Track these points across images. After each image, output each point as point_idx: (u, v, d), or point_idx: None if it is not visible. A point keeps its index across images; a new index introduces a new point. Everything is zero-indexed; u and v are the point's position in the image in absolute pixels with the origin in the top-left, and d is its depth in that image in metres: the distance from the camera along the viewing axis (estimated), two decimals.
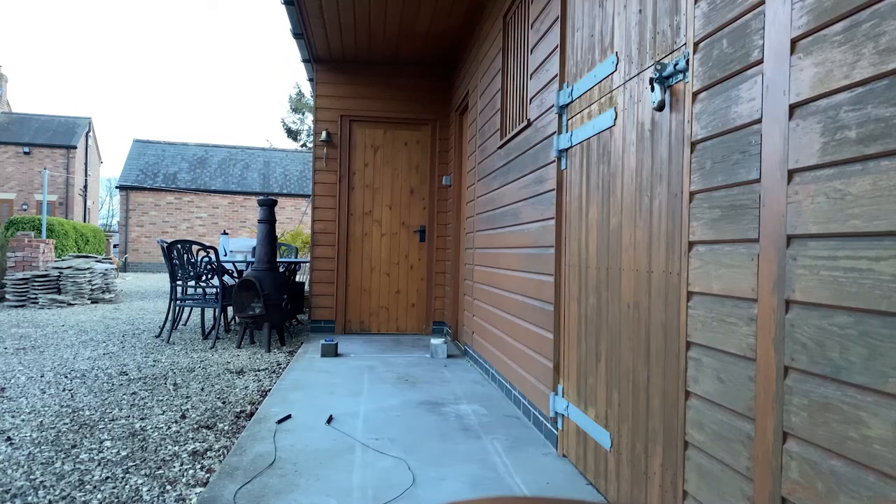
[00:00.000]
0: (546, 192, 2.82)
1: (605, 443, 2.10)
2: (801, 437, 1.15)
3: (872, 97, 1.00)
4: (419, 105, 6.06)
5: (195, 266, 5.55)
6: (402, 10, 4.85)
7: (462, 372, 4.32)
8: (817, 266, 1.11)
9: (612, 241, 2.10)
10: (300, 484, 2.18)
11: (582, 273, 2.38)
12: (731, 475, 1.36)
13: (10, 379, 3.93)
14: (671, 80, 1.69)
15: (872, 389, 1.00)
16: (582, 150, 2.40)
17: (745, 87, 1.33)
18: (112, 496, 2.12)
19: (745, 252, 1.33)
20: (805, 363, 1.14)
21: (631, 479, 1.92)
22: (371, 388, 3.70)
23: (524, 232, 3.20)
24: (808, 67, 1.14)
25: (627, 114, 2.00)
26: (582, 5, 2.45)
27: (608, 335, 2.12)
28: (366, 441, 2.67)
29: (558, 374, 2.63)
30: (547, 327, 2.76)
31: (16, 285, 8.69)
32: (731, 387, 1.36)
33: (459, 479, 2.27)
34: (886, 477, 0.97)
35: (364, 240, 6.08)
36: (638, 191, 1.91)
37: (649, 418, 1.81)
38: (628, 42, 2.02)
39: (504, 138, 3.66)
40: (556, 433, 2.60)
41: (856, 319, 1.03)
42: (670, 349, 1.69)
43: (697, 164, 1.52)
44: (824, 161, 1.10)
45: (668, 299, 1.71)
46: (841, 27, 1.07)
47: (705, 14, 1.49)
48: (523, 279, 3.20)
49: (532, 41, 3.13)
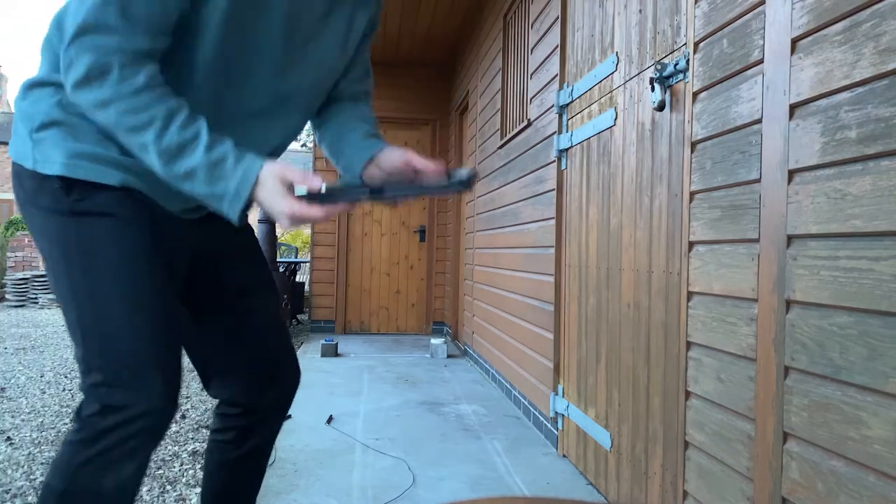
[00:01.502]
0: (546, 192, 2.82)
1: (605, 443, 2.10)
2: (802, 437, 1.15)
3: (873, 97, 1.00)
4: (419, 105, 6.06)
5: None
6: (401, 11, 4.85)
7: (462, 372, 4.32)
8: (817, 266, 1.11)
9: (613, 241, 2.10)
10: (300, 484, 2.18)
11: (582, 273, 2.38)
12: (732, 475, 1.36)
13: (9, 379, 3.93)
14: (671, 79, 1.69)
15: (873, 389, 1.00)
16: (582, 150, 2.40)
17: (746, 87, 1.33)
18: None
19: (745, 252, 1.32)
20: (805, 363, 1.14)
21: (631, 479, 1.92)
22: (371, 388, 3.70)
23: (524, 232, 3.20)
24: (809, 67, 1.14)
25: (628, 114, 2.00)
26: (582, 5, 2.45)
27: (608, 335, 2.12)
28: (366, 441, 2.67)
29: (558, 375, 2.63)
30: (547, 327, 2.76)
31: (16, 285, 8.69)
32: (732, 387, 1.36)
33: (459, 479, 2.27)
34: (887, 477, 0.97)
35: (364, 240, 6.08)
36: (638, 191, 1.91)
37: (649, 418, 1.80)
38: (628, 42, 2.01)
39: (504, 138, 3.66)
40: (557, 433, 2.60)
41: (856, 319, 1.03)
42: (670, 349, 1.69)
43: (698, 164, 1.52)
44: (824, 161, 1.10)
45: (669, 299, 1.71)
46: (841, 27, 1.07)
47: (705, 14, 1.49)
48: (523, 279, 3.20)
49: (532, 41, 3.13)
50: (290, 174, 0.90)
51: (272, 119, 1.11)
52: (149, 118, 0.87)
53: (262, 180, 0.90)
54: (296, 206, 0.88)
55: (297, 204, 0.88)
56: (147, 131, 0.87)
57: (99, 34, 0.86)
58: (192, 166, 0.89)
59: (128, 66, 0.87)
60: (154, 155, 0.89)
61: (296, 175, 0.89)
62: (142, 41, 0.88)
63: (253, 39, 1.00)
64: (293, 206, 0.88)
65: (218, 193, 0.90)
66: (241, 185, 0.90)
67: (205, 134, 0.90)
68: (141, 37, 0.88)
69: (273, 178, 0.90)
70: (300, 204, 0.88)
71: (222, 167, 0.89)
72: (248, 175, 0.90)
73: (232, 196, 0.90)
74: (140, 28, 0.88)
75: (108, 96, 0.87)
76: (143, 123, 0.87)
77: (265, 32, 1.00)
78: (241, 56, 1.00)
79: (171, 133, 0.88)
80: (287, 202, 0.88)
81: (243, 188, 0.90)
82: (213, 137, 0.91)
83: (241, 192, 0.90)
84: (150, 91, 0.88)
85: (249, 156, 0.92)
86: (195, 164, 0.89)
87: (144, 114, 0.87)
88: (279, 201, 0.88)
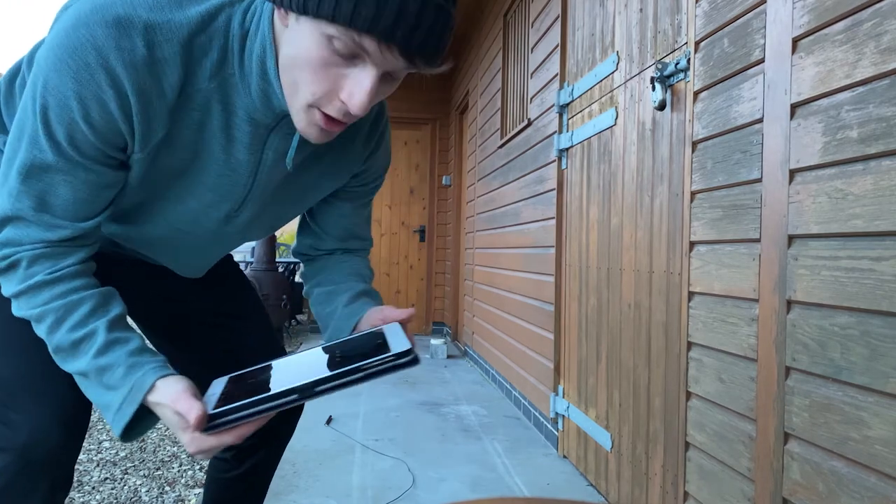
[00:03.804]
0: (546, 192, 2.81)
1: (605, 443, 2.10)
2: (803, 437, 1.14)
3: (874, 97, 1.00)
4: (419, 104, 6.05)
5: None
6: None
7: (462, 372, 4.32)
8: (819, 266, 1.11)
9: (613, 240, 2.09)
10: (299, 485, 2.18)
11: (582, 273, 2.38)
12: (733, 476, 1.36)
13: None
14: (672, 79, 1.69)
15: (874, 390, 0.99)
16: (582, 150, 2.40)
17: (747, 86, 1.33)
18: (111, 497, 2.12)
19: (746, 252, 1.32)
20: (806, 363, 1.14)
21: (632, 479, 1.92)
22: (370, 389, 3.69)
23: (524, 232, 3.20)
24: (810, 67, 1.13)
25: (628, 113, 1.99)
26: (583, 4, 2.45)
27: (609, 335, 2.12)
28: (365, 442, 2.66)
29: (559, 375, 2.63)
30: (547, 328, 2.76)
31: None
32: (733, 387, 1.36)
33: (459, 479, 2.27)
34: (887, 478, 0.97)
35: None
36: (639, 190, 1.91)
37: (650, 419, 1.80)
38: (629, 41, 2.01)
39: (504, 138, 3.65)
40: (557, 434, 2.59)
41: (857, 319, 1.03)
42: (671, 349, 1.68)
43: (698, 163, 1.51)
44: (826, 161, 1.09)
45: (669, 299, 1.70)
46: (842, 26, 1.06)
47: (706, 13, 1.49)
48: (523, 279, 3.20)
49: (532, 40, 3.13)
50: (181, 405, 0.75)
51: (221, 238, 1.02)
52: (40, 313, 0.81)
53: (153, 404, 0.79)
54: (197, 441, 0.75)
55: (199, 439, 0.75)
56: (40, 326, 0.82)
57: (15, 226, 0.80)
58: (81, 369, 0.80)
59: (37, 260, 0.81)
60: (51, 350, 0.82)
61: (183, 406, 0.75)
62: (62, 231, 0.81)
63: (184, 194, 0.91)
64: (193, 443, 0.75)
65: (104, 403, 0.80)
66: (126, 402, 0.78)
67: (101, 335, 0.80)
68: (61, 228, 0.81)
69: (166, 405, 0.77)
70: (202, 438, 0.75)
71: (110, 376, 0.79)
72: (134, 393, 0.78)
73: (115, 411, 0.79)
74: (60, 218, 0.81)
75: (14, 291, 0.82)
76: (36, 317, 0.81)
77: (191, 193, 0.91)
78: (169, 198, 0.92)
79: (61, 331, 0.80)
80: (187, 436, 0.75)
81: (128, 406, 0.78)
82: (109, 340, 0.81)
83: (125, 409, 0.78)
84: (51, 287, 0.81)
85: (145, 368, 0.80)
86: (84, 367, 0.80)
87: (38, 309, 0.81)
88: (179, 434, 0.77)
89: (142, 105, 0.76)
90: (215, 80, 0.81)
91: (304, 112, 0.78)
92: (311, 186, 1.02)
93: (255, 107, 0.83)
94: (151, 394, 0.78)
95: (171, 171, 0.87)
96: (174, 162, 0.86)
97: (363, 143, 1.02)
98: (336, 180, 1.04)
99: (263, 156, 0.89)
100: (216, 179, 0.89)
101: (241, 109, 0.84)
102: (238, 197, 0.93)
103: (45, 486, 0.92)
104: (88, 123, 0.76)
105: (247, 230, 1.03)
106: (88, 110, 0.75)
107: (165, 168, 0.86)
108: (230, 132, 0.85)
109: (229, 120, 0.84)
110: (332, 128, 0.80)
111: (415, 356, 0.75)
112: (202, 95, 0.81)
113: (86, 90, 0.73)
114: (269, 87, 0.81)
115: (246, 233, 1.04)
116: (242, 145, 0.87)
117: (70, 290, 0.82)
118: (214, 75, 0.80)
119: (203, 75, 0.80)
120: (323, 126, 0.79)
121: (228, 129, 0.85)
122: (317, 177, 1.00)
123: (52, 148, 0.77)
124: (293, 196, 1.02)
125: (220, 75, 0.81)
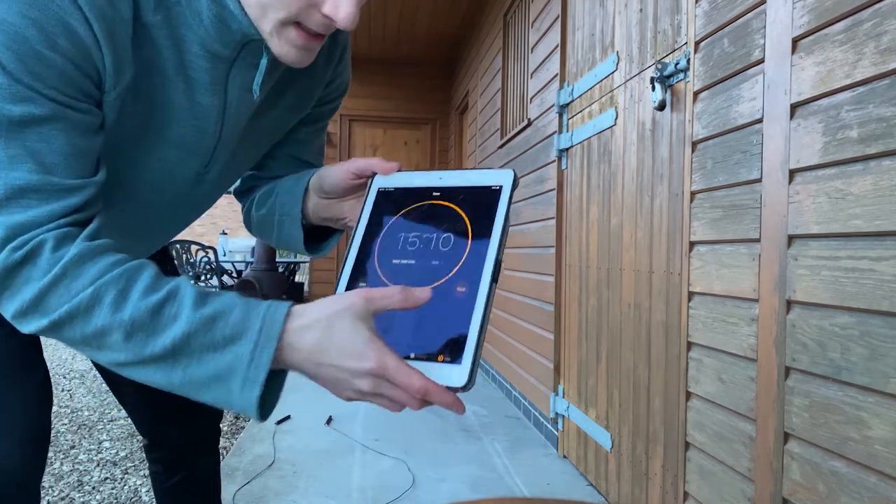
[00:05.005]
0: (546, 192, 2.81)
1: (605, 444, 2.10)
2: (803, 437, 1.14)
3: (874, 97, 1.00)
4: (419, 104, 6.06)
5: (194, 266, 5.55)
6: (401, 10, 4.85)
7: None
8: (818, 266, 1.11)
9: (613, 240, 2.09)
10: (299, 485, 2.18)
11: (582, 273, 2.38)
12: (733, 476, 1.36)
13: None
14: (672, 79, 1.69)
15: (874, 390, 0.99)
16: (582, 150, 2.40)
17: (747, 86, 1.33)
18: (111, 497, 2.12)
19: (746, 252, 1.32)
20: (806, 363, 1.14)
21: (632, 479, 1.92)
22: None
23: (524, 232, 3.20)
24: (810, 67, 1.13)
25: (628, 113, 1.99)
26: (582, 4, 2.45)
27: (609, 335, 2.12)
28: (365, 442, 2.66)
29: (559, 375, 2.63)
30: (547, 328, 2.76)
31: None
32: (733, 387, 1.36)
33: (459, 480, 2.27)
34: (887, 478, 0.97)
35: None
36: (639, 190, 1.90)
37: (650, 419, 1.80)
38: (629, 41, 2.01)
39: (504, 138, 3.65)
40: (557, 434, 2.59)
41: (857, 320, 1.03)
42: (671, 349, 1.68)
43: (698, 163, 1.51)
44: (826, 161, 1.09)
45: (669, 299, 1.70)
46: (842, 26, 1.06)
47: (706, 13, 1.49)
48: (523, 279, 3.20)
49: (532, 40, 3.13)
50: (380, 298, 0.59)
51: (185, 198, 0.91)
52: (95, 292, 0.60)
53: (302, 329, 0.59)
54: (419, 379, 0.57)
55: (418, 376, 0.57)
56: (97, 309, 0.60)
57: (21, 206, 0.63)
58: (177, 335, 0.59)
59: (64, 239, 0.63)
60: (123, 334, 0.60)
61: (389, 298, 0.58)
62: (80, 194, 0.67)
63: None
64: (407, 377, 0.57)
65: (224, 368, 0.58)
66: (261, 346, 0.58)
67: (187, 288, 0.62)
68: (77, 189, 0.66)
69: (350, 303, 0.58)
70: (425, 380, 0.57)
71: (225, 322, 0.59)
72: (269, 327, 0.58)
73: (247, 364, 0.57)
74: (68, 178, 0.66)
75: (42, 285, 0.61)
76: (88, 300, 0.60)
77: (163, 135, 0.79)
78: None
79: (132, 300, 0.60)
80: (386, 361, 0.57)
81: (262, 350, 0.57)
82: (201, 291, 0.63)
83: (260, 355, 0.57)
84: (97, 259, 0.62)
85: (270, 302, 0.62)
86: (181, 329, 0.59)
87: (90, 289, 0.60)
88: (357, 378, 0.57)
89: (107, 30, 0.65)
90: (160, 12, 0.70)
91: (279, 31, 0.68)
92: (278, 119, 0.92)
93: (209, 37, 0.72)
94: (294, 319, 0.59)
95: (129, 132, 0.75)
96: (134, 119, 0.74)
97: (325, 61, 0.91)
98: (302, 109, 0.94)
99: (228, 96, 0.79)
100: (180, 132, 0.78)
101: (195, 44, 0.72)
102: (207, 150, 0.83)
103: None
104: (57, 52, 0.63)
105: (217, 186, 0.92)
106: (55, 38, 0.62)
107: (125, 127, 0.74)
108: (186, 73, 0.74)
109: (183, 58, 0.73)
110: (312, 43, 0.70)
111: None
112: (148, 32, 0.70)
113: (45, 17, 0.61)
114: (224, 9, 0.69)
115: (216, 189, 0.93)
116: (203, 87, 0.75)
117: (122, 260, 0.64)
118: (158, 6, 0.70)
119: (147, 6, 0.69)
120: (301, 43, 0.70)
121: (184, 69, 0.73)
122: (282, 110, 0.90)
123: (24, 91, 0.62)
124: (259, 137, 0.91)
125: (163, 4, 0.70)
